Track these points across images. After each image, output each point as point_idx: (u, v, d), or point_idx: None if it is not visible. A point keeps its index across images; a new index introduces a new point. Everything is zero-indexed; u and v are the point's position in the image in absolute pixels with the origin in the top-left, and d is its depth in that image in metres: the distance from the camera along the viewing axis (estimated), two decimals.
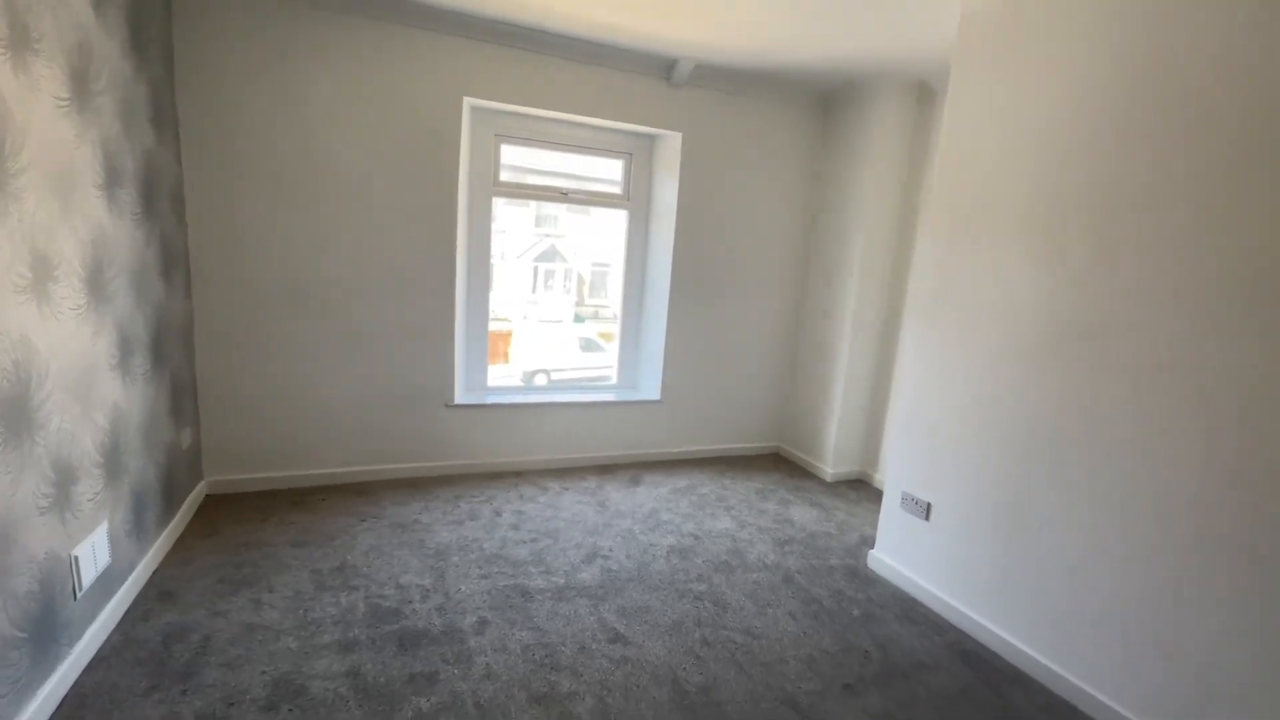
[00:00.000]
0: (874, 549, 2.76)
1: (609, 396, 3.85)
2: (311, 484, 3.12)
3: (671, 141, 3.58)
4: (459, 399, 3.40)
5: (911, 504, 2.55)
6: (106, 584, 1.94)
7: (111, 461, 1.96)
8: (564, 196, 3.67)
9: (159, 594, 2.15)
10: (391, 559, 2.50)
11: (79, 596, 1.76)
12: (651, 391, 3.88)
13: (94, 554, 1.83)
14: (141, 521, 2.20)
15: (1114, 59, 1.88)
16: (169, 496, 2.48)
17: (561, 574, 2.50)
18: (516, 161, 3.55)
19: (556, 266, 10.08)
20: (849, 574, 2.68)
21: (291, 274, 2.91)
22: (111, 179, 1.96)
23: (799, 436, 4.07)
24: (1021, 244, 2.14)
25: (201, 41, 2.58)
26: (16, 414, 1.47)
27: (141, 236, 2.20)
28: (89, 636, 1.81)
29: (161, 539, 2.38)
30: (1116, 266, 1.87)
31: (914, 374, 2.57)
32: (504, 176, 3.49)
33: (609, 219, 4.21)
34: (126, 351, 2.08)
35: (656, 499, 3.31)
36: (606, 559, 2.64)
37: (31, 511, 1.53)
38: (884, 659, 2.12)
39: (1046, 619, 2.05)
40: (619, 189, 3.81)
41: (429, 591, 2.30)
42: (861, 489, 3.69)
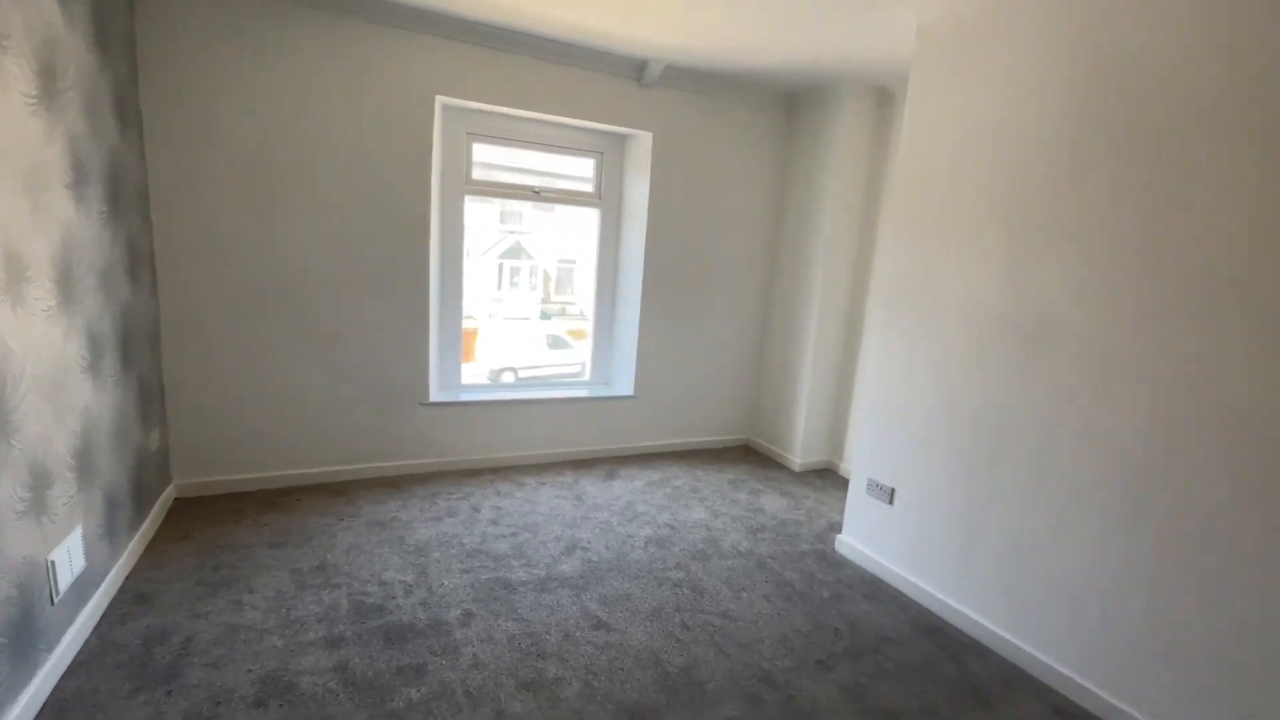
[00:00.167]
0: (841, 533, 2.89)
1: (583, 393, 3.90)
2: (285, 485, 3.09)
3: (642, 141, 3.65)
4: (434, 397, 3.41)
5: (876, 490, 2.68)
6: (81, 589, 1.91)
7: (84, 465, 1.93)
8: (536, 195, 3.70)
9: (135, 598, 2.13)
10: (372, 556, 2.51)
11: (56, 601, 1.74)
12: (625, 387, 3.95)
13: (70, 558, 1.81)
14: (114, 525, 2.17)
15: (1058, 71, 2.02)
16: (139, 500, 2.44)
17: (542, 566, 2.55)
18: (484, 158, 3.56)
19: (522, 263, 10.03)
20: (818, 558, 2.80)
21: (261, 272, 2.87)
22: (79, 177, 1.92)
23: (768, 428, 4.20)
24: (976, 242, 2.28)
25: (164, 36, 2.53)
26: None
27: (108, 235, 2.16)
28: (67, 641, 1.79)
29: (134, 543, 2.34)
30: (1062, 264, 2.02)
31: (877, 366, 2.70)
32: (474, 174, 3.50)
33: (575, 215, 4.25)
34: (96, 353, 2.04)
35: (632, 492, 3.38)
36: (586, 550, 2.70)
37: (10, 515, 1.52)
38: (853, 636, 2.24)
39: (1001, 593, 2.20)
40: (590, 187, 3.86)
41: (412, 587, 2.33)
42: (828, 477, 3.84)
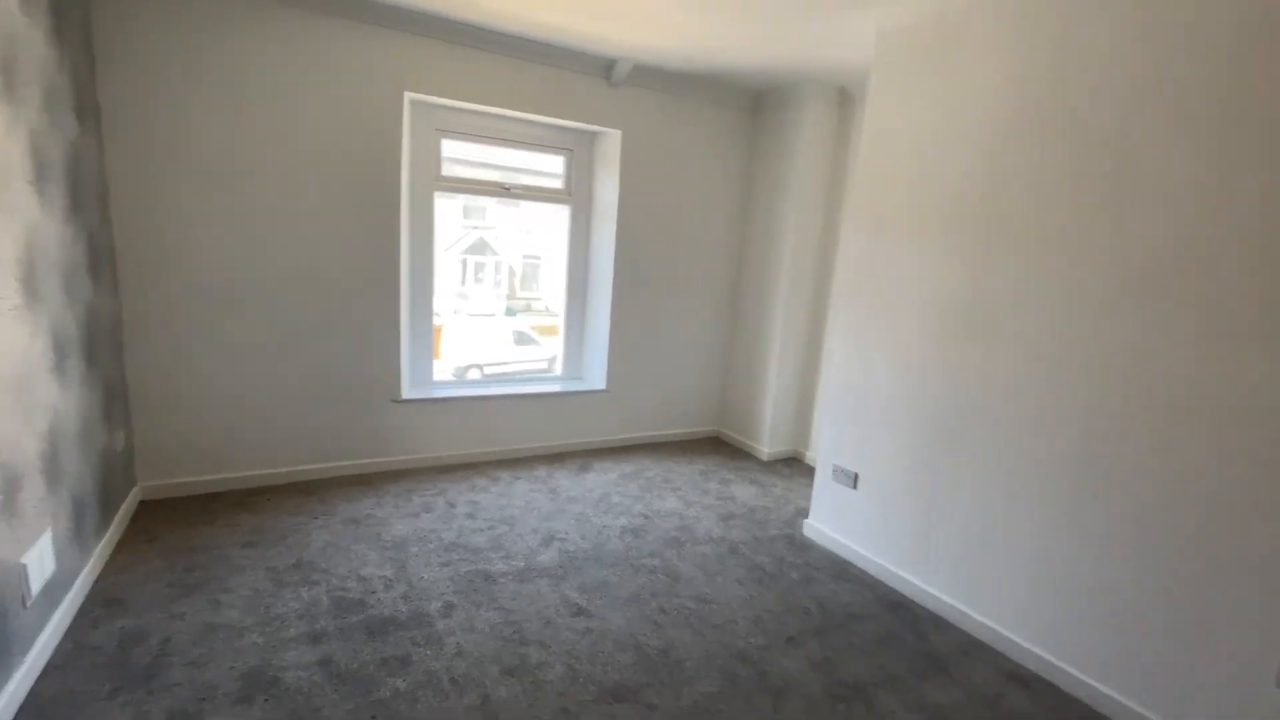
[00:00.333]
0: (809, 518, 3.01)
1: (555, 387, 3.94)
2: (254, 485, 3.05)
3: (612, 138, 3.70)
4: (406, 394, 3.40)
5: (841, 475, 2.81)
6: (52, 592, 1.88)
7: (52, 467, 1.90)
8: (507, 192, 3.72)
9: (106, 600, 2.09)
10: (349, 553, 2.52)
11: (28, 605, 1.71)
12: (597, 381, 4.00)
13: (40, 561, 1.78)
14: (82, 528, 2.13)
15: (1007, 78, 2.16)
16: (106, 502, 2.39)
17: (521, 558, 2.59)
18: (451, 153, 3.55)
19: (487, 259, 9.94)
20: (788, 542, 2.92)
21: (227, 270, 2.83)
22: (41, 174, 1.88)
23: (737, 420, 4.31)
24: (932, 239, 2.41)
25: (123, 29, 2.47)
26: None
27: (70, 233, 2.12)
28: (40, 645, 1.76)
29: (101, 546, 2.30)
30: (1010, 259, 2.16)
31: (840, 358, 2.83)
32: (443, 169, 3.49)
33: (541, 210, 4.27)
34: (62, 353, 2.00)
35: (606, 484, 3.45)
36: (563, 541, 2.76)
37: None
38: (822, 614, 2.36)
39: (959, 569, 2.35)
40: (560, 183, 3.89)
41: (392, 581, 2.35)
42: (795, 466, 3.97)
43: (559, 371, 4.19)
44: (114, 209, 2.57)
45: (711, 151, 3.96)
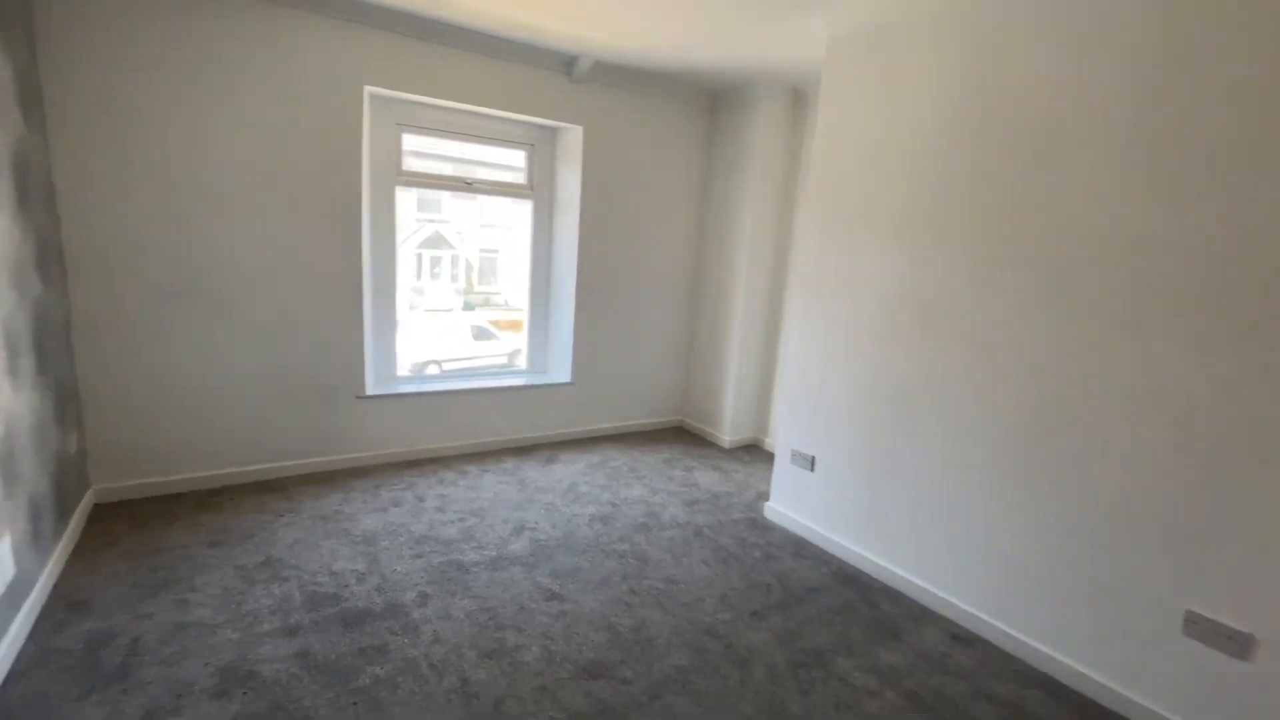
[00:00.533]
0: (769, 501, 3.15)
1: (521, 381, 3.98)
2: (215, 485, 3.00)
3: (573, 134, 3.74)
4: (370, 390, 3.39)
5: (800, 459, 2.95)
6: (12, 598, 1.84)
7: (7, 469, 1.85)
8: (469, 187, 3.73)
9: (68, 604, 2.06)
10: (319, 549, 2.52)
11: None
12: (562, 375, 4.06)
13: (0, 566, 1.75)
14: (39, 532, 2.08)
15: (949, 84, 2.31)
16: (62, 505, 2.33)
17: (492, 547, 2.65)
18: (411, 147, 3.53)
19: (443, 253, 9.79)
20: (750, 524, 3.05)
21: (182, 266, 2.77)
22: None
23: (699, 409, 4.44)
24: (882, 234, 2.56)
25: (68, 22, 2.39)
26: None
27: (18, 230, 2.06)
28: (2, 651, 1.73)
29: (59, 550, 2.25)
30: (949, 254, 2.32)
31: (797, 347, 2.96)
32: (403, 163, 3.48)
33: (498, 203, 4.28)
34: (14, 353, 1.95)
35: (574, 474, 3.52)
36: (533, 530, 2.82)
37: None
38: (783, 589, 2.49)
39: (907, 542, 2.51)
40: (523, 178, 3.92)
41: (364, 575, 2.37)
42: (755, 452, 4.12)
43: (524, 365, 4.23)
44: (62, 206, 2.49)
45: (672, 148, 4.05)
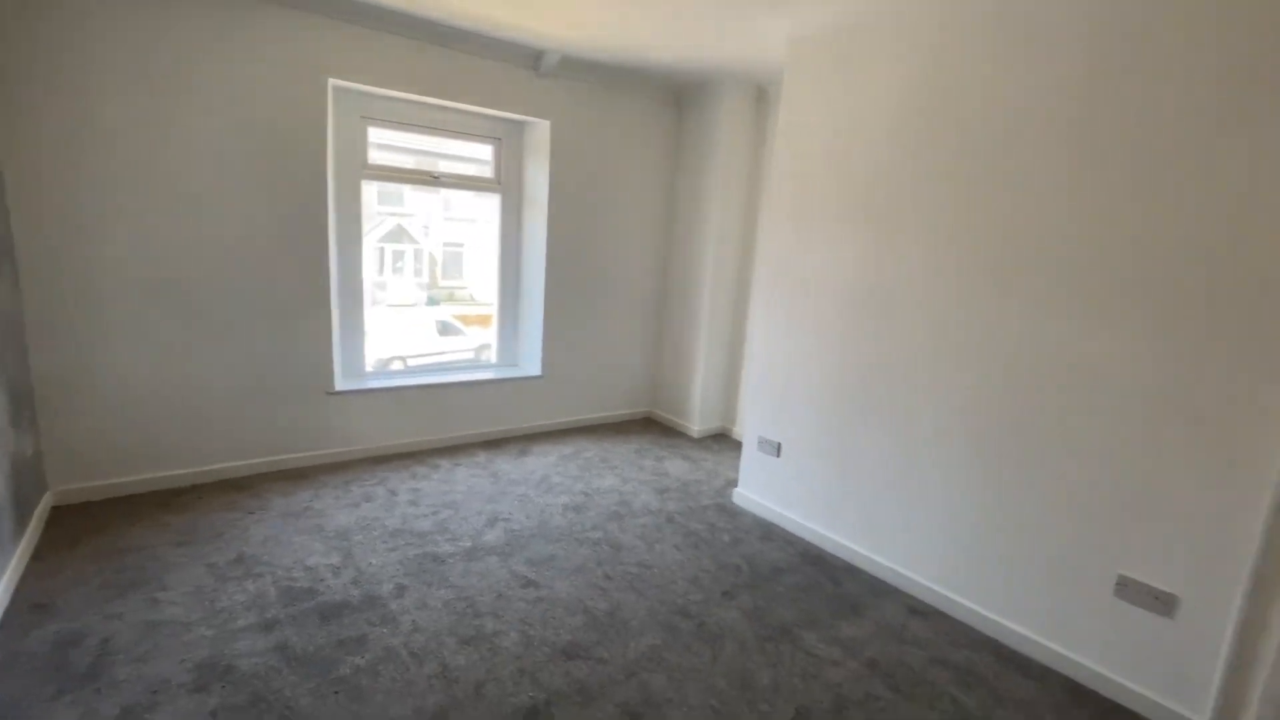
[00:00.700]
0: (738, 487, 3.25)
1: (491, 375, 4.00)
2: (180, 485, 2.95)
3: (541, 128, 3.76)
4: (339, 386, 3.37)
5: (766, 445, 3.06)
6: None
7: None
8: (435, 180, 3.71)
9: (32, 607, 2.02)
10: (292, 545, 2.52)
11: None
12: (532, 368, 4.09)
13: None
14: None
15: (903, 83, 2.42)
16: (20, 508, 2.28)
17: (467, 538, 2.68)
18: (377, 139, 3.50)
19: (405, 247, 9.63)
20: (719, 510, 3.15)
21: (140, 262, 2.71)
22: None
23: (668, 400, 4.52)
24: (842, 228, 2.67)
25: (16, 4, 2.31)
26: None
27: None
28: None
29: (19, 553, 2.20)
30: (907, 247, 2.44)
31: (763, 337, 3.06)
32: (369, 156, 3.45)
33: (462, 196, 4.26)
34: None
35: (546, 466, 3.56)
36: (508, 521, 2.86)
37: None
38: (751, 570, 2.60)
39: (868, 522, 2.64)
40: (490, 171, 3.92)
41: (339, 569, 2.38)
42: (723, 441, 4.23)
43: (494, 359, 4.24)
44: (11, 200, 2.41)
45: (639, 142, 4.11)
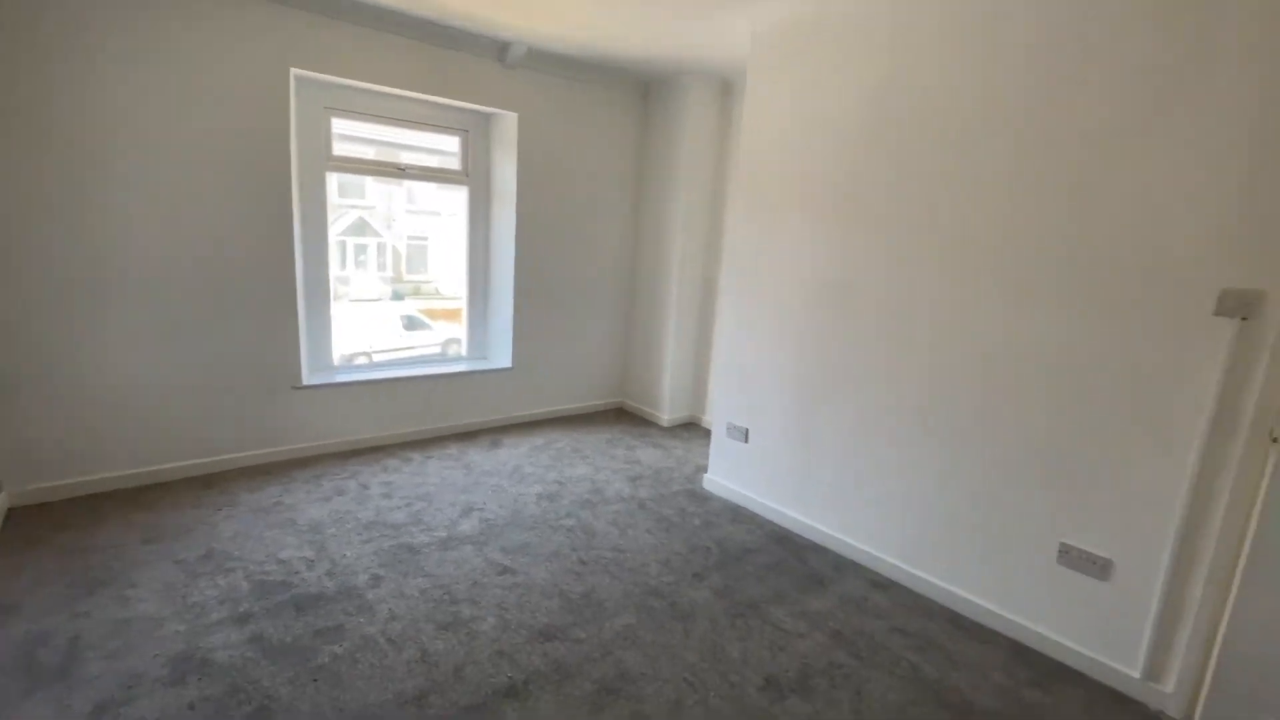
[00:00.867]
0: (707, 473, 3.34)
1: (462, 367, 4.00)
2: (145, 483, 2.90)
3: (508, 120, 3.76)
4: (306, 380, 3.34)
5: (734, 431, 3.15)
6: None
7: None
8: (402, 172, 3.69)
9: None
10: (263, 539, 2.51)
11: None
12: (503, 360, 4.10)
13: None
14: None
15: (861, 79, 2.51)
16: None
17: (442, 529, 2.70)
18: (341, 131, 3.46)
19: (368, 241, 9.46)
20: (690, 495, 3.23)
21: (97, 257, 2.64)
22: None
23: (638, 390, 4.59)
24: (804, 221, 2.76)
25: None
26: None
27: None
28: None
29: None
30: (868, 240, 2.54)
31: (729, 325, 3.15)
32: (334, 148, 3.41)
33: (426, 189, 4.22)
34: None
35: (518, 456, 3.59)
36: (482, 511, 2.89)
37: None
38: (721, 552, 2.68)
39: (832, 503, 2.75)
40: (457, 164, 3.90)
41: (313, 561, 2.38)
42: (693, 430, 4.32)
43: (464, 352, 4.24)
44: None
45: (607, 135, 4.14)
